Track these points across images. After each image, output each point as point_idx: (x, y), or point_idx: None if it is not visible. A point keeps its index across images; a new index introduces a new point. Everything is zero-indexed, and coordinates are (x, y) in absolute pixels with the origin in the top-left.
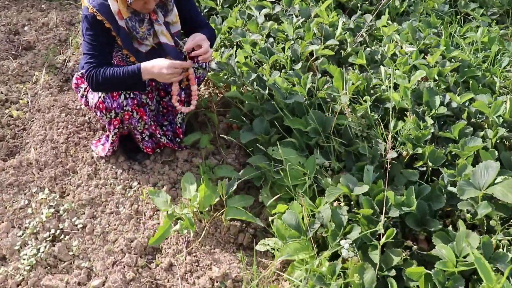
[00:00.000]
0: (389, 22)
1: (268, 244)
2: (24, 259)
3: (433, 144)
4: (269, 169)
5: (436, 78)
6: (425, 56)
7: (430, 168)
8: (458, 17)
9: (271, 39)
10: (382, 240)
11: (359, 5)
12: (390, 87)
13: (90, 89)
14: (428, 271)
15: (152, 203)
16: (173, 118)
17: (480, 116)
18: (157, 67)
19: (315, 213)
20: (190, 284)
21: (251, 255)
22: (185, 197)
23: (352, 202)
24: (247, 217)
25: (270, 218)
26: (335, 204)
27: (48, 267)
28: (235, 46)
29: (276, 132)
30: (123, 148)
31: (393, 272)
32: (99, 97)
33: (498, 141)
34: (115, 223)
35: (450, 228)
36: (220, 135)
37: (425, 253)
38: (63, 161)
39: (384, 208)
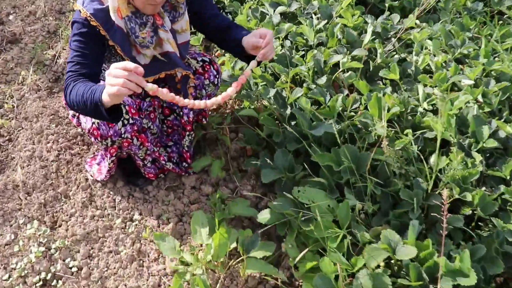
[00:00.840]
0: (417, 21)
1: None
2: None
3: (480, 183)
4: (296, 216)
5: (480, 99)
6: (462, 68)
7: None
8: (493, 17)
9: (288, 42)
10: None
11: (387, 5)
12: (436, 115)
13: None
14: None
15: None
16: (178, 138)
17: None
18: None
19: (351, 274)
20: None
21: None
22: (195, 241)
23: (393, 260)
24: (269, 271)
25: (295, 274)
26: (373, 264)
27: None
28: None
29: (301, 166)
30: (121, 171)
31: None
32: (93, 123)
33: None
34: (115, 265)
35: None
36: (233, 156)
37: None
38: (53, 183)
39: (438, 280)
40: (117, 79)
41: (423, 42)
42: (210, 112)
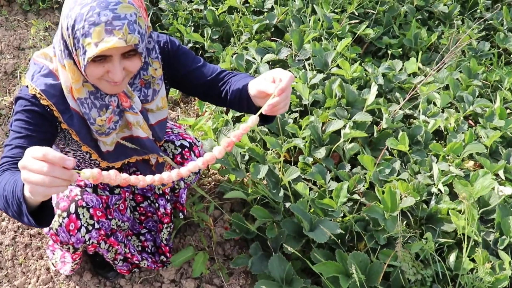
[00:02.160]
0: (420, 65)
1: None
2: None
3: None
4: None
5: (500, 174)
6: (470, 123)
7: None
8: (499, 55)
9: None
10: None
11: (388, 51)
12: (453, 200)
13: None
14: None
15: None
16: (153, 225)
17: None
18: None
19: None
20: None
21: None
22: None
23: None
24: None
25: None
26: None
27: None
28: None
29: (302, 280)
30: (88, 258)
31: None
32: (50, 228)
33: None
34: None
35: None
36: (218, 241)
37: None
38: (9, 275)
39: None
40: (36, 176)
41: (430, 96)
42: (194, 181)
